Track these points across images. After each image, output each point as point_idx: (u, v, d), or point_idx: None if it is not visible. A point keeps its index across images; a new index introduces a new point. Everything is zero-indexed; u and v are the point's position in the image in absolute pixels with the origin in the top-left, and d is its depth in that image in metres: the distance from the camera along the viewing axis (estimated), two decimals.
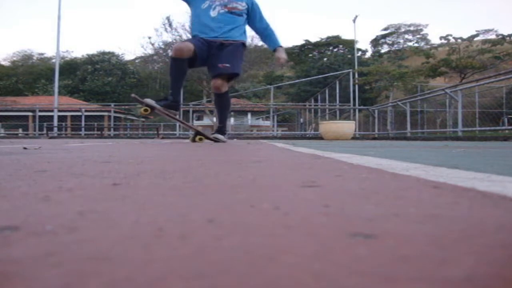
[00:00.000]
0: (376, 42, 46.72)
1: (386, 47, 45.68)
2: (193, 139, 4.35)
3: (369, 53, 44.65)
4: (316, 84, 27.13)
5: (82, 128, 14.66)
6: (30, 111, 19.17)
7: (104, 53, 39.22)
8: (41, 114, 15.85)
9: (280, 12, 78.22)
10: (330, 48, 40.79)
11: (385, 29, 46.32)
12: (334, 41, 40.11)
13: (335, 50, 40.20)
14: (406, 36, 45.54)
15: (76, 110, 19.17)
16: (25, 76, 39.92)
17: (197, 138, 4.30)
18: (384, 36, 46.10)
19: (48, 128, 12.86)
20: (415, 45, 40.73)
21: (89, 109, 21.90)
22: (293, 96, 31.61)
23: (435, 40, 40.58)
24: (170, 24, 21.38)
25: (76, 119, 18.70)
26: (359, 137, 11.95)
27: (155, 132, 12.14)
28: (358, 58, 27.35)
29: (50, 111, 16.89)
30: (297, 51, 40.40)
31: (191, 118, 14.55)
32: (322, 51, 40.71)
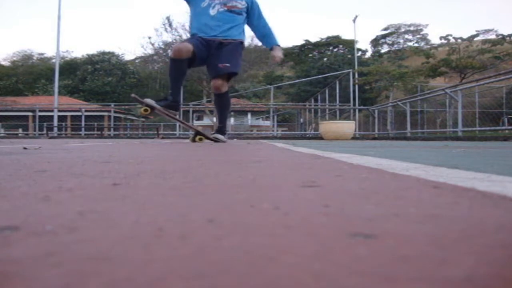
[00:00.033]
0: (376, 42, 46.71)
1: (386, 47, 45.72)
2: (193, 139, 4.35)
3: (369, 53, 44.70)
4: (316, 84, 27.13)
5: (82, 128, 14.67)
6: (30, 111, 19.18)
7: (104, 53, 39.23)
8: (41, 114, 15.86)
9: (280, 12, 78.29)
10: (330, 48, 40.77)
11: (385, 29, 46.35)
12: (334, 41, 40.10)
13: (335, 50, 40.19)
14: (406, 36, 45.56)
15: (76, 110, 19.18)
16: (25, 76, 39.91)
17: (197, 138, 4.30)
18: (384, 36, 46.10)
19: (48, 128, 12.86)
20: (415, 45, 40.74)
21: (89, 109, 21.91)
22: (293, 96, 31.61)
23: (435, 40, 40.65)
24: (170, 24, 21.43)
25: (76, 119, 18.71)
26: (359, 137, 11.95)
27: (155, 132, 12.14)
28: (358, 58, 27.36)
29: (50, 111, 16.90)
30: (297, 51, 40.38)
31: (191, 118, 14.55)
32: (322, 51, 40.70)
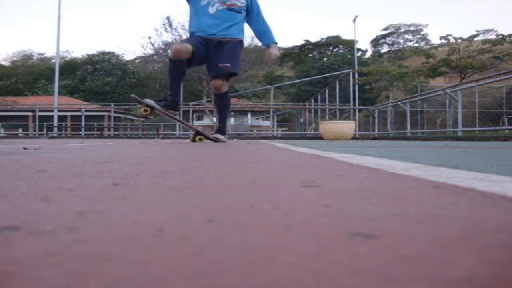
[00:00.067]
0: (376, 42, 46.71)
1: (386, 47, 45.71)
2: (193, 139, 4.34)
3: (369, 53, 44.70)
4: (316, 84, 27.13)
5: (82, 128, 14.67)
6: (30, 111, 19.18)
7: (104, 53, 39.23)
8: (41, 114, 15.86)
9: (280, 12, 78.32)
10: (330, 48, 40.75)
11: (385, 29, 46.35)
12: (334, 41, 40.08)
13: (335, 50, 40.18)
14: (406, 36, 45.56)
15: (76, 110, 19.18)
16: (25, 76, 39.91)
17: (197, 138, 4.30)
18: (384, 36, 46.10)
19: (48, 128, 12.86)
20: (415, 45, 40.75)
21: (89, 109, 21.91)
22: (293, 96, 31.61)
23: (435, 40, 40.66)
24: (170, 24, 21.42)
25: (76, 119, 18.71)
26: (359, 137, 11.95)
27: (155, 132, 12.14)
28: (358, 58, 27.36)
29: (50, 111, 16.90)
30: (297, 51, 40.37)
31: (191, 118, 14.55)
32: (322, 51, 40.67)
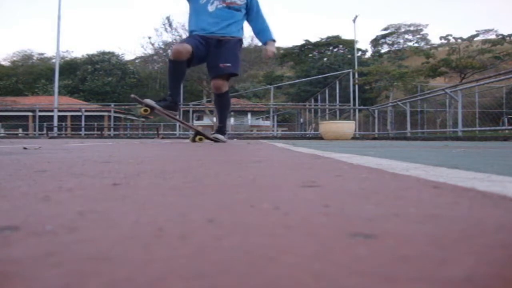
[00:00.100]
0: (376, 42, 46.72)
1: (386, 47, 45.74)
2: (193, 139, 4.34)
3: (369, 53, 44.71)
4: (316, 84, 27.13)
5: (82, 128, 14.67)
6: (30, 111, 19.18)
7: (104, 53, 39.23)
8: (41, 114, 15.86)
9: (280, 12, 78.32)
10: (330, 48, 40.76)
11: (385, 29, 46.36)
12: (334, 41, 40.09)
13: (335, 50, 40.18)
14: (406, 36, 45.57)
15: (76, 110, 19.18)
16: (25, 76, 39.92)
17: (197, 138, 4.30)
18: (384, 36, 46.10)
19: (48, 128, 12.86)
20: (415, 45, 40.77)
21: (89, 109, 21.91)
22: (293, 96, 31.61)
23: (435, 40, 40.67)
24: (170, 24, 21.38)
25: (76, 119, 18.71)
26: (359, 137, 11.95)
27: (155, 132, 12.14)
28: (358, 58, 27.36)
29: (50, 111, 16.90)
30: (297, 51, 40.38)
31: (191, 118, 14.55)
32: (322, 51, 40.68)
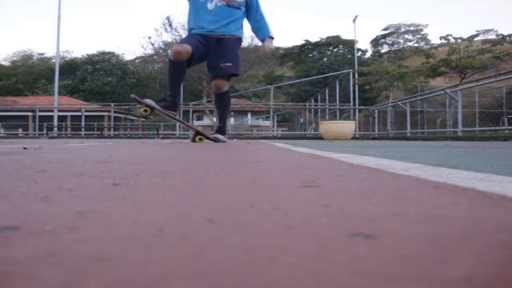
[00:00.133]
0: (376, 42, 46.72)
1: (386, 47, 45.74)
2: (193, 139, 4.34)
3: (369, 53, 44.72)
4: (316, 84, 27.14)
5: (82, 128, 14.67)
6: (30, 111, 19.18)
7: (104, 53, 39.23)
8: (41, 114, 15.86)
9: (280, 12, 78.33)
10: (330, 48, 40.77)
11: (385, 29, 46.37)
12: (334, 41, 40.10)
13: (335, 50, 40.20)
14: (406, 36, 45.58)
15: (76, 110, 19.18)
16: (25, 76, 39.92)
17: (197, 138, 4.30)
18: (384, 36, 46.11)
19: (48, 128, 12.86)
20: (415, 45, 40.76)
21: (89, 109, 21.91)
22: (293, 96, 31.62)
23: (435, 40, 40.66)
24: (170, 24, 21.35)
25: (76, 119, 18.71)
26: (359, 137, 11.95)
27: (155, 132, 12.14)
28: (358, 58, 27.37)
29: (50, 111, 16.90)
30: (297, 51, 40.40)
31: (191, 118, 14.55)
32: (322, 51, 40.70)
